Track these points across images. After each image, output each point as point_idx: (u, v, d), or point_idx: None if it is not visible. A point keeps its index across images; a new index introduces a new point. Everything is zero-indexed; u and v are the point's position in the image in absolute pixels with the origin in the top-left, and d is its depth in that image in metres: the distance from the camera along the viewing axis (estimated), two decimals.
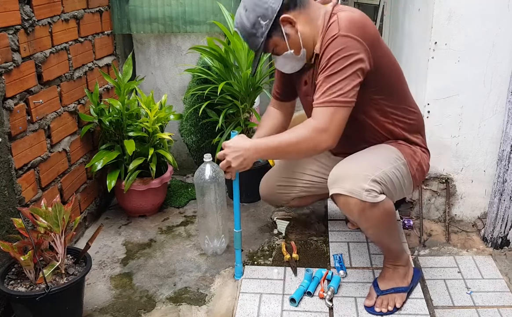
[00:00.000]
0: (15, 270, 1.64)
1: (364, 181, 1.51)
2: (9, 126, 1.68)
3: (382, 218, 1.56)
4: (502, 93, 2.02)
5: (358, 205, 1.51)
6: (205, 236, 2.06)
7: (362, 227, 1.64)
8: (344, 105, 1.49)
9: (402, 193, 1.69)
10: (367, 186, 1.51)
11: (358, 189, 1.50)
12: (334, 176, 1.58)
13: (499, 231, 2.04)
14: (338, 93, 1.48)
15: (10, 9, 1.69)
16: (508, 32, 1.94)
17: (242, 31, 1.58)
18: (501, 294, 1.79)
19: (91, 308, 1.79)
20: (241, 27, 1.57)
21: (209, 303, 1.80)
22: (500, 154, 2.02)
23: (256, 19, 1.52)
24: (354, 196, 1.50)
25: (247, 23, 1.54)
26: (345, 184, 1.53)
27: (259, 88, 2.47)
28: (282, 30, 1.55)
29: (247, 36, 1.58)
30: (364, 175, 1.53)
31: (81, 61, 2.22)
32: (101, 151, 2.25)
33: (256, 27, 1.54)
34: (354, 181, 1.52)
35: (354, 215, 1.55)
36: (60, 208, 1.58)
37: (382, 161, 1.61)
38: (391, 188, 1.59)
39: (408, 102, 1.72)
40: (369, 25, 1.53)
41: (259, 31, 1.54)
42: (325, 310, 1.71)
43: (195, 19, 2.54)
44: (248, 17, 1.53)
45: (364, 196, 1.50)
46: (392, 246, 1.72)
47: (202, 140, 2.73)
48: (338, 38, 1.47)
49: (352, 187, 1.51)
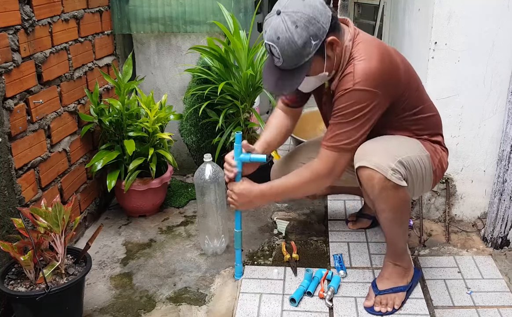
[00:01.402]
0: (15, 270, 1.64)
1: (391, 160, 1.53)
2: (9, 126, 1.68)
3: (400, 204, 1.57)
4: (502, 93, 2.02)
5: (381, 181, 1.52)
6: (205, 236, 2.06)
7: (379, 207, 1.61)
8: (350, 150, 1.58)
9: (421, 188, 1.70)
10: (393, 165, 1.52)
11: (385, 165, 1.51)
12: (362, 151, 1.58)
13: (499, 231, 2.04)
14: (346, 141, 1.56)
15: (10, 9, 1.69)
16: (508, 32, 1.94)
17: (287, 47, 1.45)
18: (501, 294, 1.79)
19: (91, 308, 1.79)
20: (287, 43, 1.45)
21: (209, 303, 1.80)
22: (500, 154, 2.02)
23: (308, 38, 1.44)
24: (379, 171, 1.51)
25: (299, 40, 1.44)
26: (373, 158, 1.53)
27: (259, 88, 2.46)
28: (324, 52, 1.51)
29: (292, 54, 1.46)
30: (392, 154, 1.55)
31: (81, 61, 2.22)
32: (101, 151, 2.25)
33: (305, 46, 1.45)
34: (382, 157, 1.53)
35: (375, 192, 1.54)
36: (60, 208, 1.58)
37: (409, 147, 1.63)
38: (414, 177, 1.60)
39: (428, 108, 1.73)
40: (386, 68, 1.52)
41: (307, 50, 1.46)
42: (325, 310, 1.71)
43: (195, 19, 2.54)
44: (301, 35, 1.43)
45: (390, 175, 1.51)
46: (400, 239, 1.71)
47: (202, 140, 2.73)
48: (352, 92, 1.51)
49: (379, 162, 1.52)
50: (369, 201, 1.66)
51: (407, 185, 1.57)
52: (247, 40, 2.41)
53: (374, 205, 1.63)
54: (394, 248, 1.74)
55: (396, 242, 1.72)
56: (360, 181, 1.59)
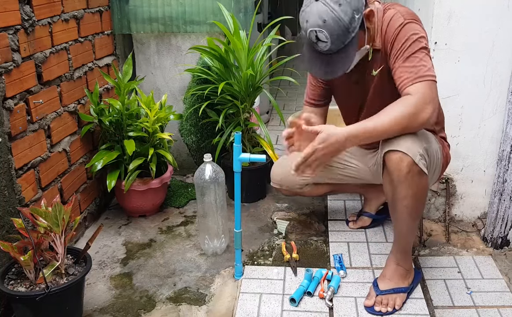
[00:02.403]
0: (15, 270, 1.64)
1: (419, 147, 1.54)
2: (9, 126, 1.68)
3: (421, 193, 1.58)
4: (502, 93, 2.02)
5: (410, 165, 1.52)
6: (205, 236, 2.06)
7: (401, 194, 1.56)
8: (434, 79, 1.52)
9: (431, 179, 1.71)
10: (421, 151, 1.54)
11: (415, 150, 1.52)
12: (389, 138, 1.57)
13: (499, 231, 2.04)
14: (426, 69, 1.51)
15: (10, 9, 1.69)
16: (508, 32, 1.94)
17: (335, 27, 1.46)
18: (501, 294, 1.79)
19: (91, 308, 1.79)
20: (334, 23, 1.46)
21: (209, 303, 1.80)
22: (500, 154, 2.02)
23: (352, 13, 1.48)
24: (409, 154, 1.51)
25: (345, 17, 1.46)
26: (402, 142, 1.53)
27: (259, 88, 2.46)
28: (364, 24, 1.55)
29: (340, 32, 1.48)
30: (419, 141, 1.55)
31: (81, 61, 2.22)
32: (101, 151, 2.25)
33: (351, 22, 1.48)
34: (411, 143, 1.53)
35: (401, 175, 1.53)
36: (60, 208, 1.58)
37: (429, 138, 1.64)
38: (432, 167, 1.62)
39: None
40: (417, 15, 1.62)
41: (353, 25, 1.49)
42: (325, 310, 1.71)
43: (195, 19, 2.54)
44: (346, 12, 1.46)
45: (418, 159, 1.52)
46: (410, 234, 1.71)
47: (202, 140, 2.73)
48: (408, 24, 1.54)
49: (410, 146, 1.52)
50: (390, 188, 1.60)
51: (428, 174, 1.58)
52: (247, 40, 2.41)
53: (395, 193, 1.58)
54: (403, 245, 1.71)
55: (407, 237, 1.70)
56: (387, 165, 1.57)
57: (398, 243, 1.73)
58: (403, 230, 1.69)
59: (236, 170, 1.76)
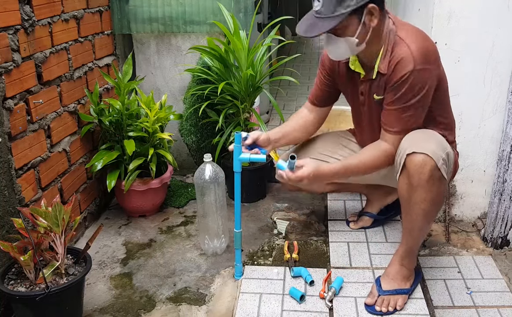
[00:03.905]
0: (15, 270, 1.64)
1: (442, 151, 1.56)
2: (9, 126, 1.68)
3: (439, 198, 1.59)
4: (502, 93, 2.02)
5: (432, 169, 1.52)
6: (205, 236, 2.06)
7: (420, 197, 1.56)
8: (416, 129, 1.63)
9: None
10: (444, 156, 1.55)
11: (438, 154, 1.53)
12: (412, 139, 1.60)
13: (499, 231, 2.04)
14: (412, 122, 1.62)
15: (10, 9, 1.69)
16: (508, 32, 1.94)
17: None
18: (501, 294, 1.79)
19: (91, 308, 1.79)
20: None
21: (209, 303, 1.80)
22: (500, 154, 2.02)
23: None
24: (434, 158, 1.52)
25: None
26: (427, 145, 1.54)
27: (259, 88, 2.46)
28: (362, 16, 1.54)
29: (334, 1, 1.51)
30: (442, 145, 1.58)
31: (81, 61, 2.22)
32: (101, 151, 2.25)
33: None
34: (436, 146, 1.54)
35: (422, 179, 1.53)
36: (60, 208, 1.58)
37: (446, 143, 1.65)
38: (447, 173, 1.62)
39: (449, 104, 1.78)
40: (433, 45, 1.62)
41: (348, 1, 1.49)
42: (325, 310, 1.71)
43: (195, 19, 2.54)
44: None
45: (440, 164, 1.53)
46: (421, 237, 1.71)
47: (202, 140, 2.73)
48: (413, 73, 1.55)
49: (434, 150, 1.53)
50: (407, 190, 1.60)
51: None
52: (247, 40, 2.41)
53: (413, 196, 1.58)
54: (411, 245, 1.70)
55: (417, 238, 1.69)
56: (409, 167, 1.56)
57: (406, 242, 1.71)
58: (414, 231, 1.67)
59: (236, 170, 1.76)
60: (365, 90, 1.74)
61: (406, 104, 1.59)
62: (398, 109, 1.61)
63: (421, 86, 1.56)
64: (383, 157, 1.67)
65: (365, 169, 1.70)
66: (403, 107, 1.60)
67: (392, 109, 1.63)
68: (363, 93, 1.76)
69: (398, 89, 1.59)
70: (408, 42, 1.57)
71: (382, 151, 1.68)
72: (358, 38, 1.57)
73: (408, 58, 1.55)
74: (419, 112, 1.62)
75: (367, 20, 1.56)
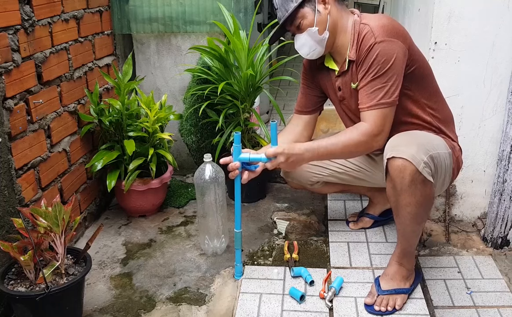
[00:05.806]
0: (15, 270, 1.64)
1: (424, 154, 1.54)
2: (9, 126, 1.68)
3: (425, 200, 1.57)
4: (502, 93, 2.02)
5: (413, 173, 1.51)
6: (205, 236, 2.06)
7: (405, 201, 1.57)
8: (391, 104, 1.61)
9: (442, 186, 1.71)
10: (426, 159, 1.53)
11: (419, 158, 1.52)
12: (393, 143, 1.61)
13: (499, 231, 2.04)
14: (383, 95, 1.60)
15: (10, 9, 1.69)
16: (508, 32, 1.94)
17: None
18: (501, 294, 1.79)
19: (91, 308, 1.79)
20: None
21: (209, 303, 1.80)
22: (500, 154, 2.02)
23: None
24: (413, 163, 1.51)
25: None
26: (406, 149, 1.54)
27: (259, 88, 2.46)
28: (315, 5, 1.64)
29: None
30: (425, 148, 1.56)
31: (81, 61, 2.22)
32: (101, 151, 2.25)
33: None
34: (416, 150, 1.53)
35: (404, 183, 1.53)
36: (60, 208, 1.58)
37: (437, 144, 1.65)
38: (439, 174, 1.61)
39: (440, 95, 1.78)
40: (398, 25, 1.65)
41: None
42: (325, 310, 1.71)
43: (195, 19, 2.54)
44: None
45: (421, 168, 1.51)
46: (414, 238, 1.70)
47: (202, 140, 2.73)
48: (376, 45, 1.59)
49: (413, 153, 1.52)
50: (393, 194, 1.61)
51: (433, 182, 1.57)
52: (247, 40, 2.41)
53: (399, 199, 1.59)
54: (406, 246, 1.71)
55: (410, 240, 1.70)
56: (390, 172, 1.57)
57: (401, 243, 1.72)
58: (406, 233, 1.68)
59: None
60: (342, 83, 1.77)
61: (374, 76, 1.60)
62: (367, 84, 1.63)
63: (387, 58, 1.57)
64: (359, 136, 1.64)
65: (342, 147, 1.66)
66: (371, 81, 1.61)
67: (362, 86, 1.65)
68: (341, 88, 1.78)
69: (365, 65, 1.63)
70: (370, 22, 1.63)
71: (358, 130, 1.65)
72: (317, 26, 1.65)
73: (369, 33, 1.61)
74: (390, 86, 1.60)
75: (321, 9, 1.65)
